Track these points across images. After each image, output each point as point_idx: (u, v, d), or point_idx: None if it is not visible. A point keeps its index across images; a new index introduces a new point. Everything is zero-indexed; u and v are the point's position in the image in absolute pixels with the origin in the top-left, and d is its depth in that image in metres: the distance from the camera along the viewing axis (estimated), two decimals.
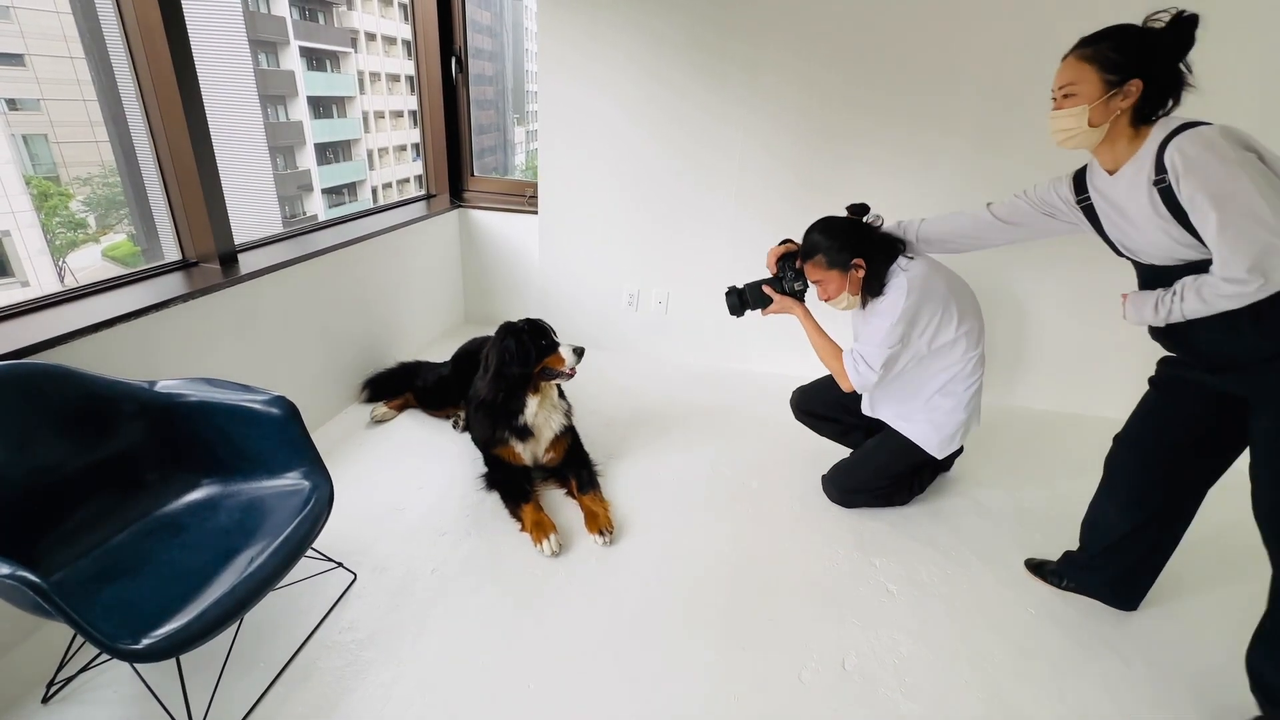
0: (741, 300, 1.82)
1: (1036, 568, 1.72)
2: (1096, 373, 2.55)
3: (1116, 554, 1.52)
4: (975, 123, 2.31)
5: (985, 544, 1.85)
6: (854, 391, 1.73)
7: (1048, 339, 2.58)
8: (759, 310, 1.83)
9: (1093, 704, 1.38)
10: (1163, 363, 1.43)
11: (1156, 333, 1.33)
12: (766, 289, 1.79)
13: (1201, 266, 1.16)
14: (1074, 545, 1.64)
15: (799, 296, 1.79)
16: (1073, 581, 1.64)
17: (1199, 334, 1.22)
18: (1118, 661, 1.48)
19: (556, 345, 1.93)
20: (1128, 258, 1.33)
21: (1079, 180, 1.38)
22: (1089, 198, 1.34)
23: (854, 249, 1.64)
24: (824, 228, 1.68)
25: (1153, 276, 1.27)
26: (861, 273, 1.65)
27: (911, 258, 1.65)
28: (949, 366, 1.72)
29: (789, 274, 1.77)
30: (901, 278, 1.61)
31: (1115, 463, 1.51)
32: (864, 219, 1.70)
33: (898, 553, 1.80)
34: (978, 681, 1.42)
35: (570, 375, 1.95)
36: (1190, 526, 1.46)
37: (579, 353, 1.93)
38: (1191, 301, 1.16)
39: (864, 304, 1.71)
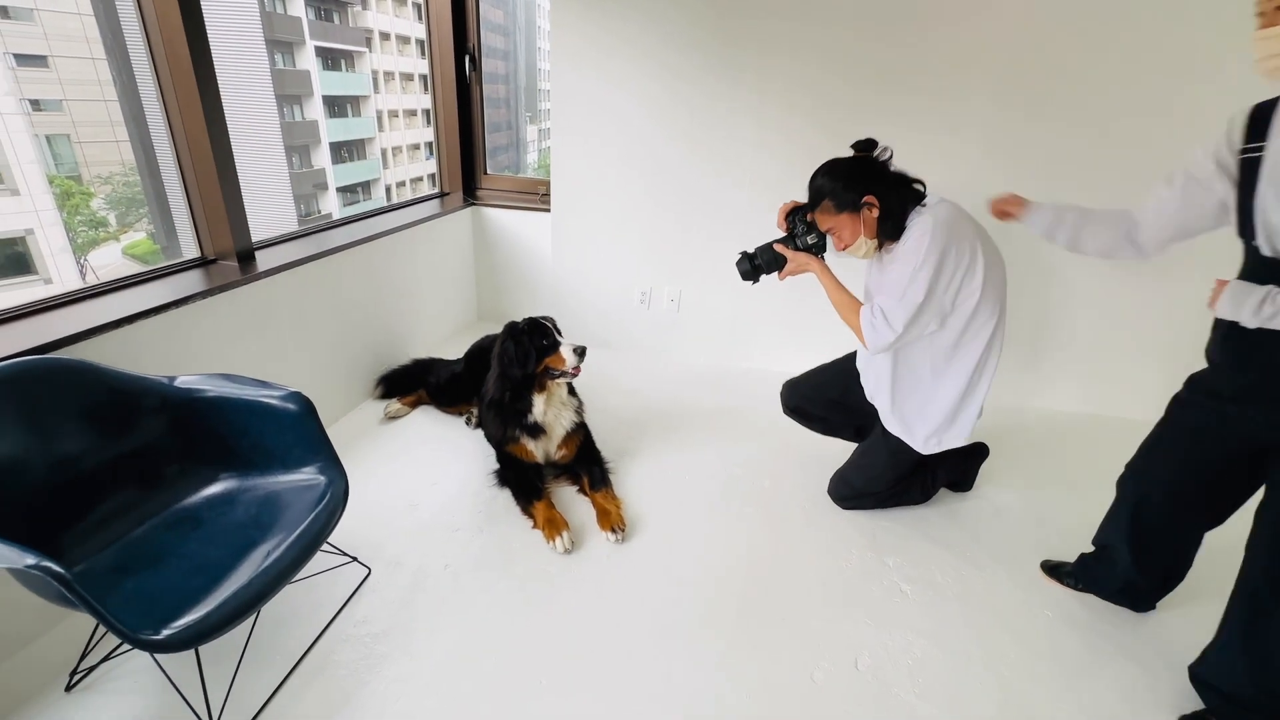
0: (754, 265, 1.70)
1: (1053, 570, 1.69)
2: (1117, 373, 2.52)
3: (1129, 584, 1.52)
4: (998, 98, 2.26)
5: (1001, 545, 1.83)
6: (874, 349, 1.58)
7: (1068, 337, 2.54)
8: (775, 274, 1.70)
9: (1109, 708, 1.36)
10: (1191, 384, 1.29)
11: (1225, 338, 1.16)
12: (779, 248, 1.66)
13: None
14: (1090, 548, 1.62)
15: (814, 251, 1.66)
16: (1086, 586, 1.62)
17: None
18: (1134, 665, 1.46)
19: (557, 345, 1.91)
20: (1251, 241, 1.09)
21: (1257, 121, 1.07)
22: (1261, 148, 1.05)
23: (862, 187, 1.50)
24: (828, 169, 1.55)
25: (1275, 271, 1.05)
26: (875, 212, 1.50)
27: (925, 205, 1.50)
28: (971, 348, 1.57)
29: (800, 228, 1.64)
30: (925, 217, 1.46)
31: (1125, 498, 1.44)
32: (873, 155, 1.56)
33: (911, 553, 1.79)
34: (993, 683, 1.41)
35: (574, 374, 1.94)
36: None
37: (580, 352, 1.90)
38: None
39: (880, 248, 1.57)
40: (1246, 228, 1.09)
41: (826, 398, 1.98)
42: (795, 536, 1.84)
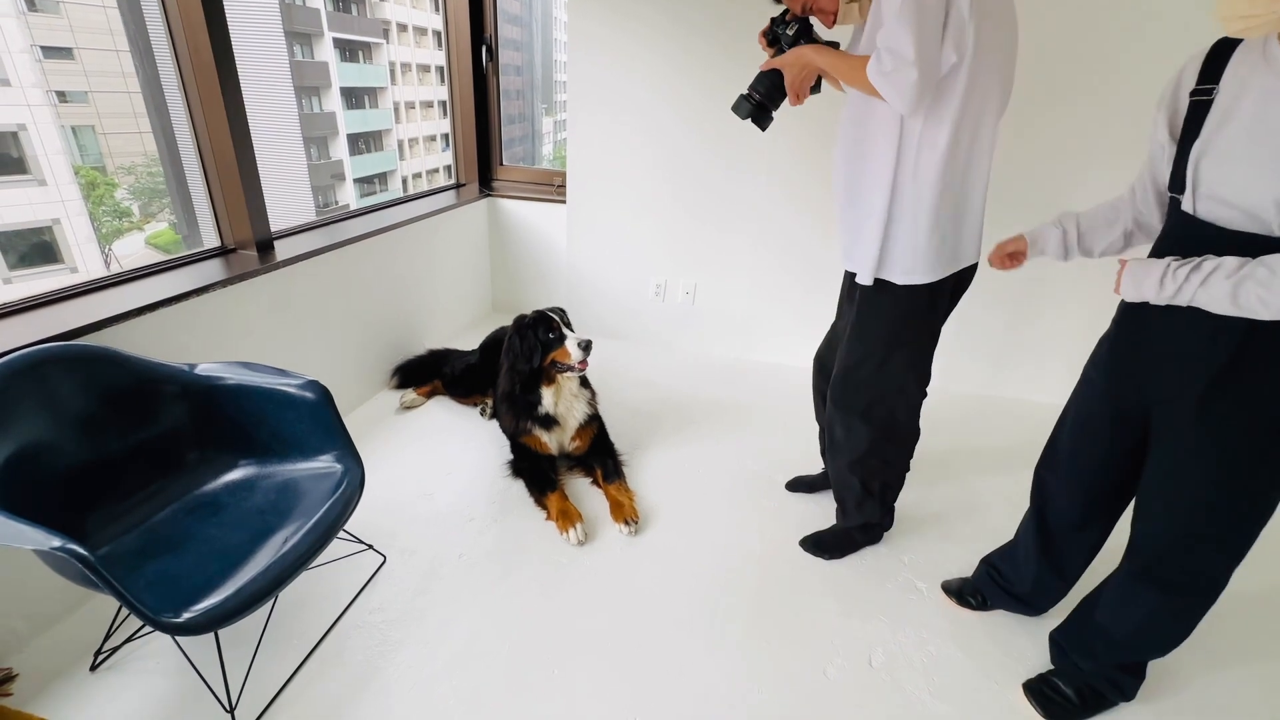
0: (755, 103, 1.43)
1: (955, 592, 1.60)
2: None
3: (1039, 592, 1.49)
4: (1028, 69, 2.19)
5: None
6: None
7: (1086, 339, 2.49)
8: (784, 100, 1.43)
9: (1132, 711, 1.34)
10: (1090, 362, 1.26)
11: (1124, 314, 1.14)
12: (770, 65, 1.40)
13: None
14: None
15: (803, 40, 1.39)
16: (990, 598, 1.56)
17: (1179, 328, 1.01)
18: (1154, 668, 1.43)
19: (563, 339, 1.89)
20: (1178, 194, 1.01)
21: (1214, 61, 0.97)
22: (1213, 91, 0.96)
23: None
24: None
25: (1201, 244, 0.97)
26: None
27: None
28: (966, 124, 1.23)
29: (780, 30, 1.41)
30: None
31: (1043, 512, 1.40)
32: None
33: (926, 550, 1.77)
34: (1009, 684, 1.39)
35: (580, 369, 1.92)
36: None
37: (585, 347, 1.87)
38: (1247, 294, 0.88)
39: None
40: (1177, 178, 1.01)
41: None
42: (809, 531, 1.82)
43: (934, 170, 1.25)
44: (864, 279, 1.39)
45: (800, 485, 1.99)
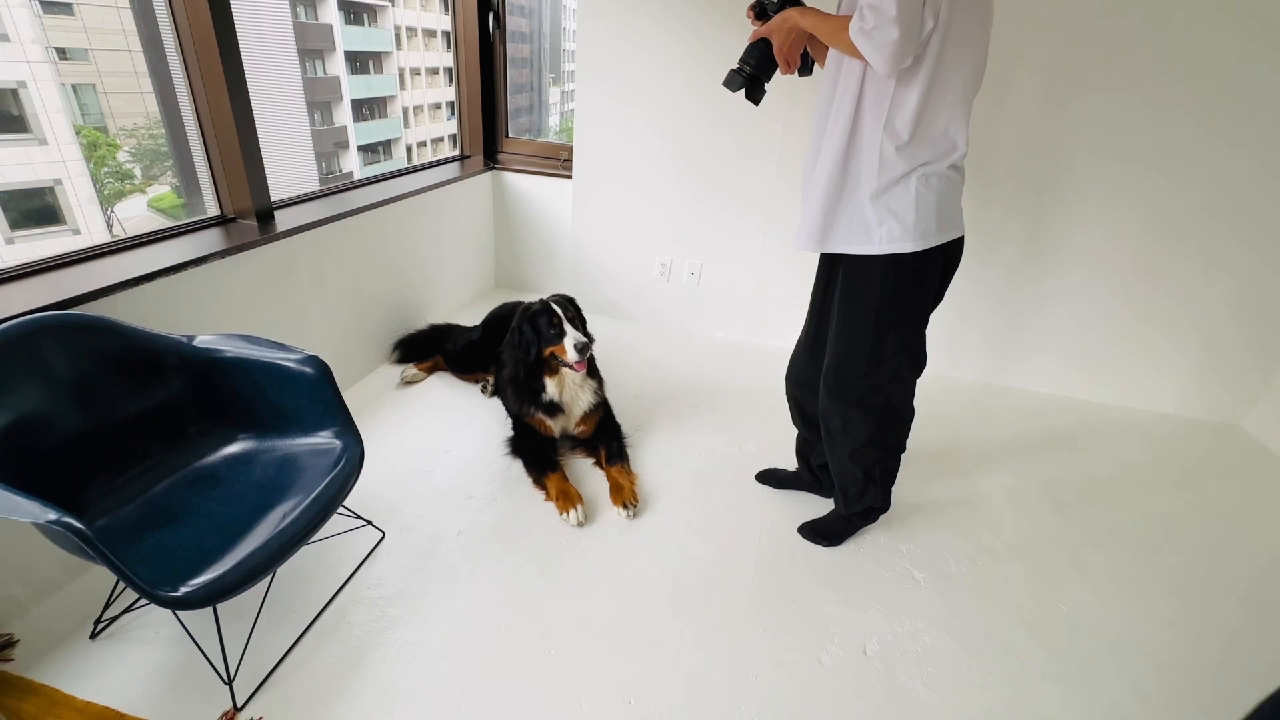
0: (746, 76, 1.38)
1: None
2: (1142, 366, 2.44)
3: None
4: (1047, 59, 2.13)
5: (1017, 535, 1.80)
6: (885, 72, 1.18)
7: (1089, 331, 2.46)
8: (775, 71, 1.40)
9: (1126, 709, 1.34)
10: None
11: None
12: (757, 35, 1.38)
13: None
14: (1113, 546, 1.58)
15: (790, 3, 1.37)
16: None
17: None
18: (1151, 666, 1.43)
19: (563, 335, 1.85)
20: None
21: None
22: None
23: None
24: None
25: None
26: None
27: None
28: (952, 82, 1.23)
29: (767, 1, 1.38)
30: None
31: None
32: None
33: (925, 540, 1.76)
34: (1003, 678, 1.39)
35: (576, 370, 1.88)
36: None
37: (580, 349, 1.82)
38: None
39: None
40: None
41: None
42: (808, 518, 1.82)
43: (906, 132, 1.26)
44: (851, 247, 1.37)
45: (770, 479, 1.96)
